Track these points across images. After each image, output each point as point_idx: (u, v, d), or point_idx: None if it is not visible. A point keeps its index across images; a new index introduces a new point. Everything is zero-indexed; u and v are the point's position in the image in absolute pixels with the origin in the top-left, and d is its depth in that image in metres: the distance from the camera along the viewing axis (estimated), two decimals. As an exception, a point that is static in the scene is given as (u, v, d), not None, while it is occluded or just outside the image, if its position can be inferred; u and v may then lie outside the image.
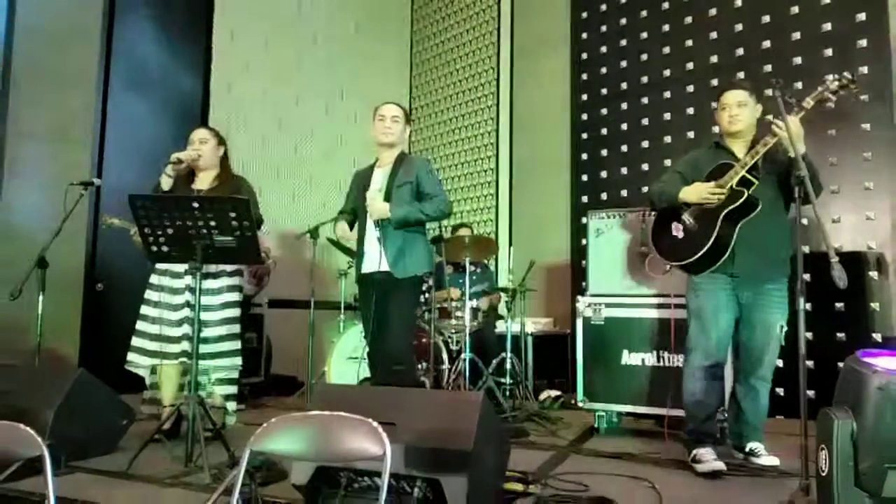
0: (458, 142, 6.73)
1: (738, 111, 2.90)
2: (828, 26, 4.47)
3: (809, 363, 3.93)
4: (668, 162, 5.02)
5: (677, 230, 2.98)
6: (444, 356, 4.54)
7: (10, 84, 4.39)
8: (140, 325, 3.44)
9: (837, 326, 4.14)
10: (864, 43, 4.31)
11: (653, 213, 3.20)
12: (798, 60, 4.56)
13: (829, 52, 4.41)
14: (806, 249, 4.14)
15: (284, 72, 6.06)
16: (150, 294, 3.46)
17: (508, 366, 4.44)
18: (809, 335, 4.07)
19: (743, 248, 2.80)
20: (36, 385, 3.02)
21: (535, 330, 5.18)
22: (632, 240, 3.73)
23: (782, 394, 3.89)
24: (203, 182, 3.54)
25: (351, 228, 3.44)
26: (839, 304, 4.14)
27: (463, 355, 4.23)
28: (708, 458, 2.73)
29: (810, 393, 3.77)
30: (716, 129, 5.03)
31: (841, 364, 2.36)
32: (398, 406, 2.17)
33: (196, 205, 2.83)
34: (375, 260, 3.25)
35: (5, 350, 4.06)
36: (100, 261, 4.72)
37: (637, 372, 3.58)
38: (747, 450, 2.88)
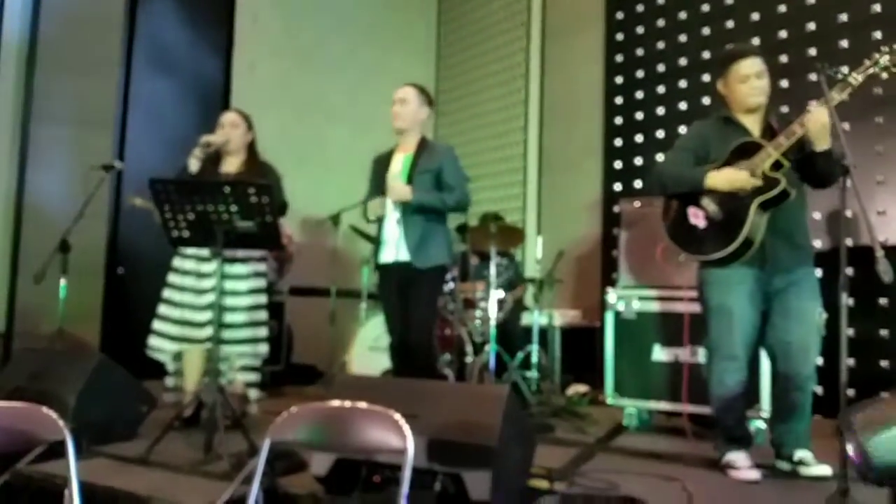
0: (485, 126, 6.56)
1: (758, 82, 2.66)
2: (877, 7, 4.25)
3: (850, 361, 3.77)
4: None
5: (696, 217, 2.69)
6: (468, 348, 4.44)
7: (34, 68, 4.39)
8: (163, 309, 3.38)
9: (881, 323, 3.95)
10: (915, 25, 4.09)
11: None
12: (844, 43, 4.35)
13: (878, 34, 4.19)
14: (849, 242, 3.96)
15: (308, 55, 5.98)
16: (173, 278, 3.41)
17: (535, 359, 4.33)
18: (851, 332, 3.90)
19: (771, 237, 2.59)
20: (58, 369, 3.03)
21: (563, 322, 5.04)
22: (666, 230, 3.60)
23: (821, 393, 3.73)
24: (230, 166, 3.50)
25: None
26: (883, 300, 3.95)
27: (487, 347, 4.13)
28: (742, 464, 2.60)
29: (851, 392, 3.66)
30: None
31: (884, 362, 2.25)
32: (421, 398, 2.12)
33: (220, 189, 2.78)
34: (396, 249, 3.18)
35: (28, 333, 4.09)
36: (121, 245, 4.72)
37: (669, 368, 3.45)
38: (795, 459, 2.60)
